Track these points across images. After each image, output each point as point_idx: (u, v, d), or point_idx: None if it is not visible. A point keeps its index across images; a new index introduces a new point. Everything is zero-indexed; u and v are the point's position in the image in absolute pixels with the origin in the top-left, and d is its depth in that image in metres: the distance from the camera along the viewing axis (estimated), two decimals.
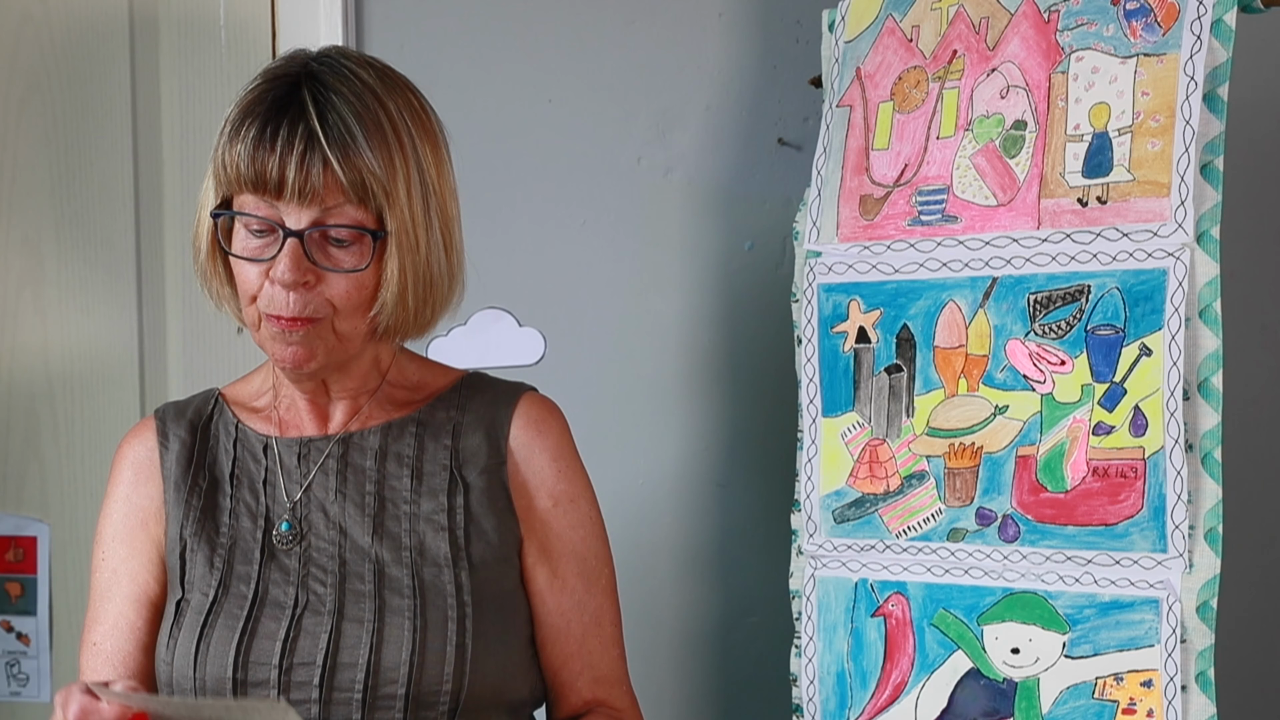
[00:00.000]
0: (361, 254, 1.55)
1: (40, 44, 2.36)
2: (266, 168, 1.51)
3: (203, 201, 1.60)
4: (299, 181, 1.51)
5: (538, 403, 1.69)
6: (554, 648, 1.66)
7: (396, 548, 1.60)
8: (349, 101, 1.54)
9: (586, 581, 1.67)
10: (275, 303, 1.53)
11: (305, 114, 1.52)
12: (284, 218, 1.52)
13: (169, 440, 1.67)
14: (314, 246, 1.53)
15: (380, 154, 1.53)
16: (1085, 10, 1.81)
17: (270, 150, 1.51)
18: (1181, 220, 1.71)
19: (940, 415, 1.86)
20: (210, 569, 1.61)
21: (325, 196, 1.52)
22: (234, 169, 1.53)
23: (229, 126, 1.55)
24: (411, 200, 1.56)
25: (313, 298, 1.54)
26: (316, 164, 1.51)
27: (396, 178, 1.54)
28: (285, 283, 1.52)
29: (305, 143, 1.51)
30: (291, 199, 1.51)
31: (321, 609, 1.57)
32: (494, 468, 1.64)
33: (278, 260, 1.52)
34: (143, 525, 1.66)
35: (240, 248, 1.55)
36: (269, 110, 1.53)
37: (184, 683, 1.57)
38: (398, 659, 1.54)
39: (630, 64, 2.35)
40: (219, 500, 1.64)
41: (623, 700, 1.70)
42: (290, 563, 1.60)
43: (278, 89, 1.55)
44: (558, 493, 1.66)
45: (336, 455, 1.64)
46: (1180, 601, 1.70)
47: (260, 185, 1.52)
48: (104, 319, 2.38)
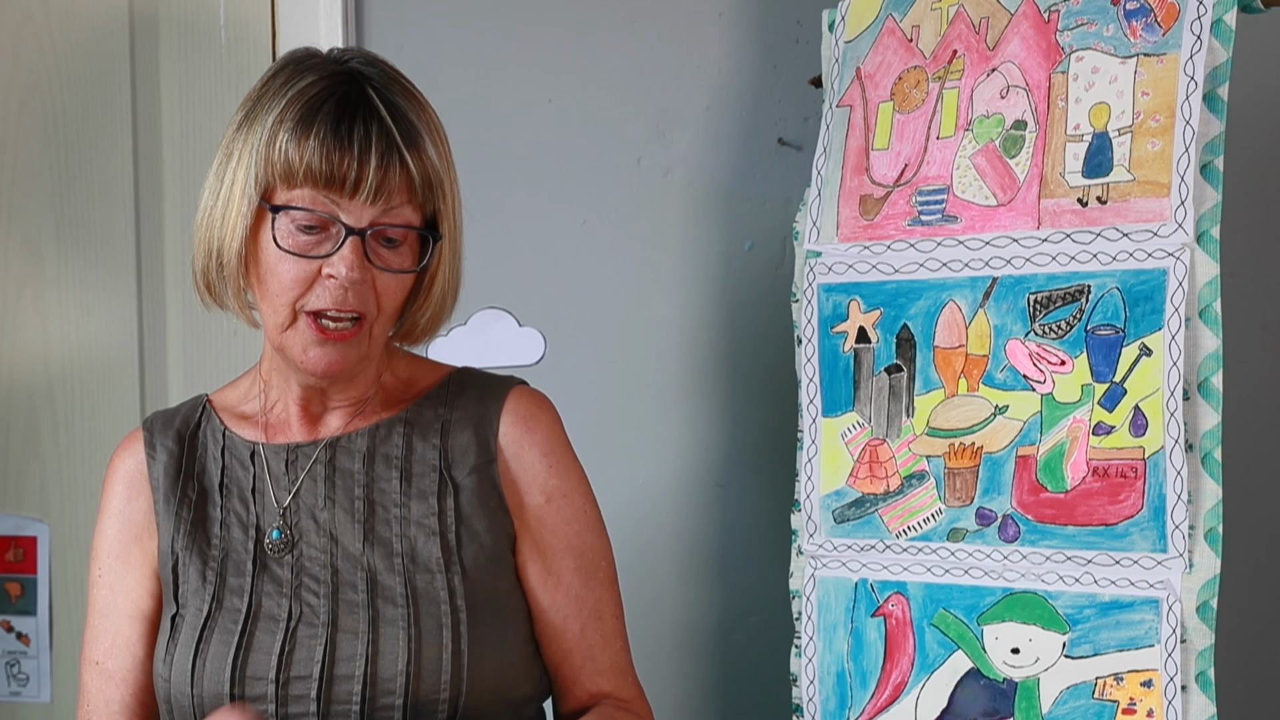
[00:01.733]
0: (414, 254, 1.57)
1: (40, 44, 2.36)
2: (344, 166, 1.50)
3: (225, 193, 1.56)
4: (376, 181, 1.51)
5: (527, 397, 1.67)
6: (554, 643, 1.65)
7: (388, 554, 1.58)
8: (409, 103, 1.56)
9: (584, 576, 1.66)
10: (327, 299, 1.52)
11: (379, 114, 1.52)
12: (342, 214, 1.52)
13: (156, 451, 1.66)
14: (370, 246, 1.53)
15: (440, 156, 1.56)
16: (1085, 10, 1.81)
17: (348, 149, 1.50)
18: (1181, 220, 1.71)
19: (940, 415, 1.86)
20: (203, 582, 1.60)
21: (392, 196, 1.53)
22: (301, 164, 1.51)
23: (290, 119, 1.52)
24: (456, 201, 1.60)
25: (365, 294, 1.54)
26: (394, 165, 1.52)
27: (447, 178, 1.58)
28: (350, 280, 1.51)
29: (385, 142, 1.51)
30: (365, 199, 1.51)
31: (315, 621, 1.56)
32: (484, 466, 1.63)
33: (336, 258, 1.52)
34: (136, 540, 1.65)
35: (288, 243, 1.53)
36: (339, 105, 1.52)
37: (182, 699, 1.56)
38: (394, 669, 1.53)
39: (630, 64, 2.35)
40: (209, 511, 1.63)
41: (629, 691, 1.69)
42: (282, 573, 1.59)
43: (337, 87, 1.53)
44: (550, 488, 1.65)
45: (324, 460, 1.62)
46: (1180, 601, 1.70)
47: (333, 182, 1.51)
48: (104, 319, 2.38)
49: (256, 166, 1.53)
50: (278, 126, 1.52)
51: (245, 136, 1.55)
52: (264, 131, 1.53)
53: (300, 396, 1.63)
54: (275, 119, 1.52)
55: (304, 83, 1.54)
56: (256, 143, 1.53)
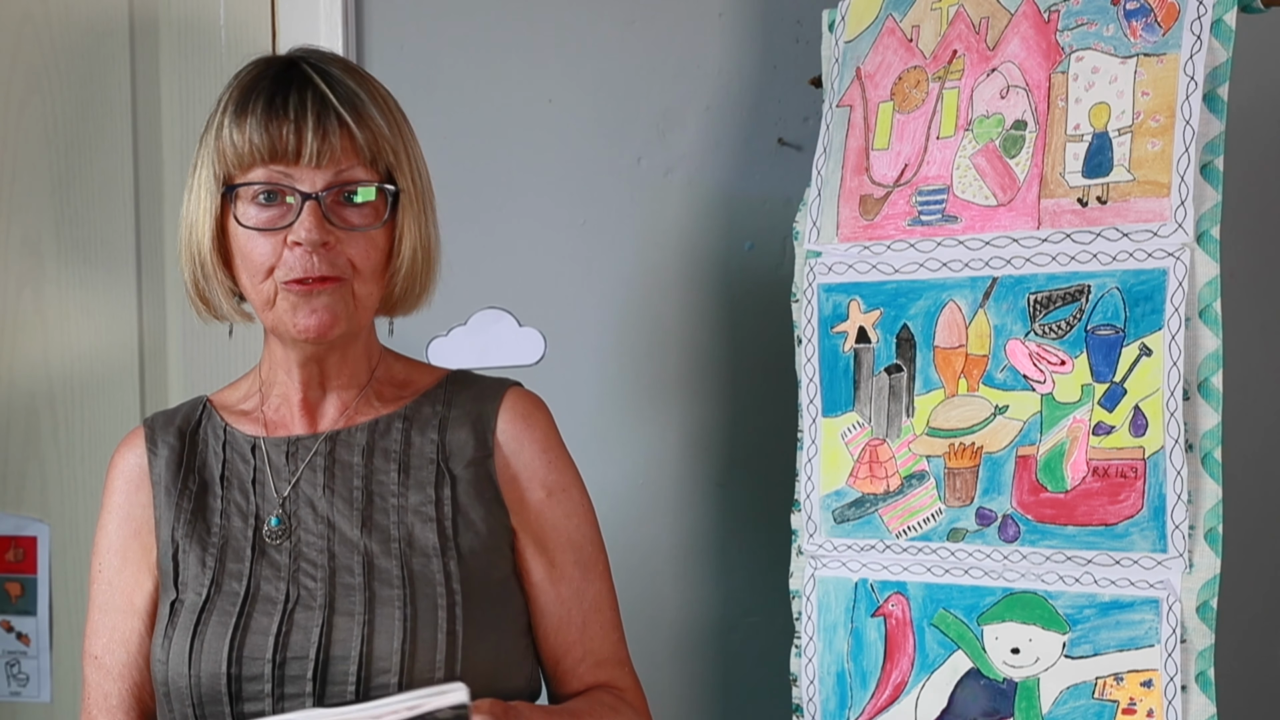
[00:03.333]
0: (376, 212, 1.60)
1: (40, 44, 2.36)
2: (282, 133, 1.55)
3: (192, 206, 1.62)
4: (316, 143, 1.55)
5: (523, 397, 1.71)
6: (557, 637, 1.68)
7: (385, 540, 1.61)
8: (347, 75, 1.61)
9: (583, 569, 1.69)
10: (297, 267, 1.56)
11: (312, 82, 1.57)
12: (296, 183, 1.56)
13: (158, 447, 1.69)
14: (330, 209, 1.57)
15: (385, 118, 1.60)
16: (1085, 10, 1.81)
17: (284, 117, 1.55)
18: (1181, 220, 1.71)
19: (940, 415, 1.86)
20: (202, 568, 1.62)
21: (341, 158, 1.56)
22: (245, 143, 1.56)
23: (231, 106, 1.58)
24: (413, 164, 1.63)
25: (335, 257, 1.57)
26: (332, 126, 1.56)
27: (399, 141, 1.61)
28: (311, 242, 1.55)
29: (319, 105, 1.56)
30: (309, 162, 1.55)
31: (313, 603, 1.58)
32: (480, 460, 1.66)
33: (297, 224, 1.56)
34: (136, 535, 1.68)
35: (251, 220, 1.57)
36: (273, 84, 1.57)
37: (179, 680, 1.58)
38: (389, 648, 1.55)
39: (630, 64, 2.35)
40: (209, 502, 1.66)
41: (625, 680, 1.72)
42: (280, 558, 1.62)
43: (273, 68, 1.60)
44: (550, 483, 1.68)
45: (324, 452, 1.65)
46: (1180, 601, 1.70)
47: (276, 153, 1.55)
48: (104, 319, 2.38)
49: (214, 163, 1.59)
50: (222, 118, 1.59)
51: (203, 144, 1.62)
52: (213, 130, 1.60)
53: (301, 379, 1.66)
54: (219, 115, 1.59)
55: (242, 74, 1.62)
56: (209, 142, 1.60)
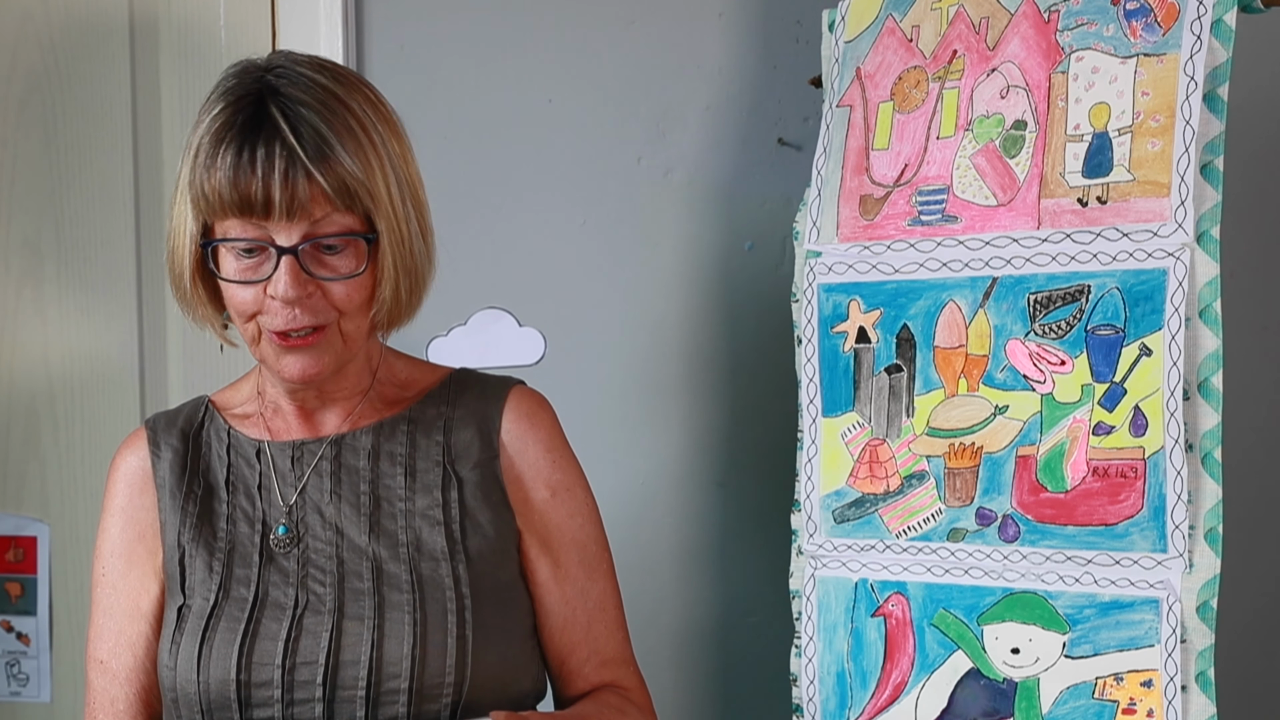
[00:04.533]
0: (356, 257, 1.56)
1: (40, 44, 2.36)
2: (251, 191, 1.51)
3: (175, 227, 1.60)
4: (285, 200, 1.51)
5: (527, 396, 1.70)
6: (562, 637, 1.68)
7: (393, 544, 1.60)
8: (316, 110, 1.53)
9: (588, 569, 1.69)
10: (279, 321, 1.54)
11: (279, 131, 1.51)
12: (274, 236, 1.53)
13: (161, 449, 1.68)
14: (308, 259, 1.53)
15: (357, 157, 1.54)
16: (1085, 10, 1.81)
17: (251, 174, 1.51)
18: (1181, 220, 1.71)
19: (940, 415, 1.86)
20: (209, 573, 1.61)
21: (313, 209, 1.52)
22: (215, 196, 1.52)
23: (201, 154, 1.54)
24: (392, 196, 1.57)
25: (316, 305, 1.55)
26: (300, 179, 1.51)
27: (375, 177, 1.55)
28: (289, 299, 1.53)
29: (285, 160, 1.51)
30: (281, 218, 1.51)
31: (322, 608, 1.58)
32: (486, 461, 1.65)
33: (275, 279, 1.53)
34: (140, 538, 1.67)
35: (231, 271, 1.55)
36: (240, 132, 1.52)
37: (188, 687, 1.57)
38: (399, 653, 1.55)
39: (630, 64, 2.35)
40: (215, 506, 1.65)
41: (630, 679, 1.71)
42: (289, 565, 1.61)
43: (243, 109, 1.53)
44: (554, 483, 1.68)
45: (330, 457, 1.65)
46: (1180, 601, 1.70)
47: (246, 208, 1.52)
48: (104, 319, 2.38)
49: (190, 205, 1.56)
50: (194, 163, 1.55)
51: (182, 170, 1.58)
52: (188, 169, 1.56)
53: (295, 401, 1.66)
54: (193, 156, 1.55)
55: (214, 112, 1.55)
56: (186, 179, 1.56)
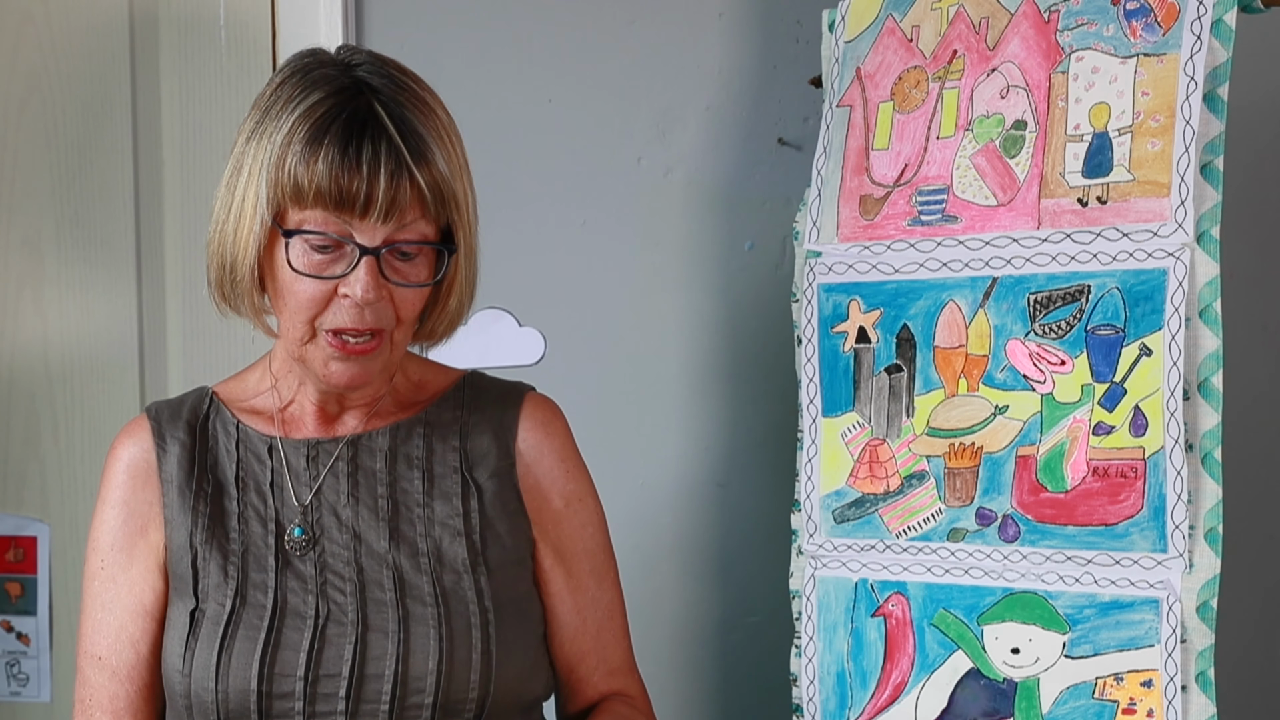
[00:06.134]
0: (428, 267, 1.55)
1: (40, 44, 2.36)
2: (352, 186, 1.48)
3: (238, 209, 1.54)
4: (386, 201, 1.49)
5: (542, 404, 1.69)
6: (572, 646, 1.67)
7: (414, 554, 1.59)
8: (417, 114, 1.52)
9: (598, 578, 1.69)
10: (345, 319, 1.52)
11: (386, 131, 1.49)
12: (355, 234, 1.50)
13: (166, 442, 1.64)
14: (385, 261, 1.51)
15: (450, 165, 1.53)
16: (1085, 10, 1.81)
17: (356, 169, 1.48)
18: (1181, 220, 1.71)
19: (940, 415, 1.86)
20: (225, 577, 1.58)
21: (404, 213, 1.50)
22: (310, 185, 1.48)
23: (297, 141, 1.49)
24: (470, 205, 1.57)
25: (383, 312, 1.53)
26: (404, 183, 1.49)
27: (459, 185, 1.54)
28: (366, 300, 1.50)
29: (394, 161, 1.49)
30: (376, 218, 1.49)
31: (344, 619, 1.56)
32: (504, 470, 1.64)
33: (353, 278, 1.50)
34: (141, 532, 1.62)
35: (301, 264, 1.51)
36: (347, 125, 1.49)
37: (204, 695, 1.54)
38: (425, 668, 1.53)
39: (630, 64, 2.35)
40: (225, 504, 1.62)
41: (635, 688, 1.72)
42: (306, 569, 1.59)
43: (346, 103, 1.50)
44: (568, 493, 1.67)
45: (346, 457, 1.63)
46: (1180, 601, 1.70)
47: (343, 204, 1.49)
48: (104, 319, 2.38)
49: (267, 187, 1.51)
50: (285, 148, 1.50)
51: (255, 151, 1.53)
52: (273, 150, 1.51)
53: (317, 399, 1.63)
54: (284, 139, 1.50)
55: (312, 99, 1.51)
56: (266, 160, 1.51)
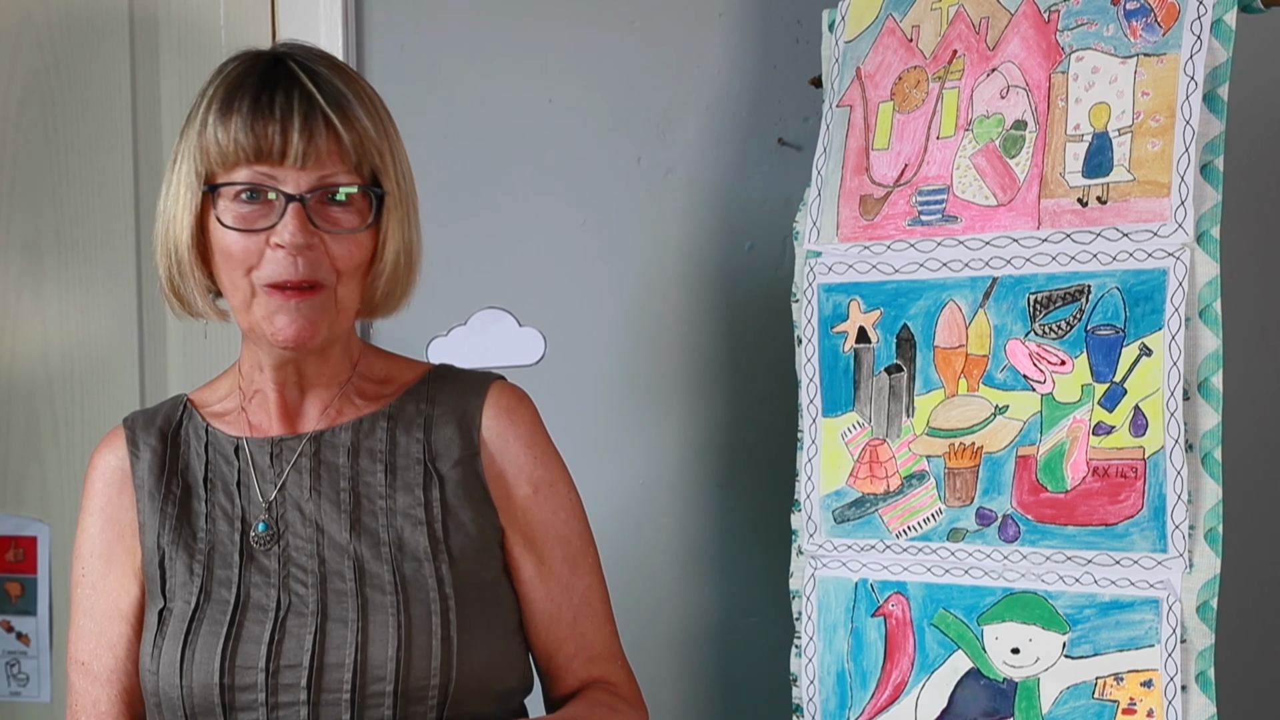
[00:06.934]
0: (361, 214, 1.57)
1: (40, 44, 2.36)
2: (268, 133, 1.52)
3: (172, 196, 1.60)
4: (302, 144, 1.52)
5: (507, 392, 1.70)
6: (548, 634, 1.67)
7: (375, 544, 1.60)
8: (336, 75, 1.58)
9: (572, 564, 1.68)
10: (279, 270, 1.54)
11: (299, 82, 1.54)
12: (280, 184, 1.53)
13: (139, 449, 1.67)
14: (315, 210, 1.54)
15: (372, 119, 1.57)
16: (1085, 10, 1.81)
17: (270, 117, 1.52)
18: (1181, 220, 1.71)
19: (940, 415, 1.86)
20: (190, 575, 1.60)
21: (326, 161, 1.54)
22: (230, 142, 1.53)
23: (215, 103, 1.55)
24: (399, 165, 1.60)
25: (318, 260, 1.55)
26: (319, 127, 1.53)
27: (385, 143, 1.58)
28: (295, 245, 1.53)
29: (306, 106, 1.53)
30: (294, 164, 1.53)
31: (304, 610, 1.57)
32: (468, 459, 1.64)
33: (281, 226, 1.53)
34: (119, 538, 1.66)
35: (230, 218, 1.55)
36: (260, 82, 1.55)
37: (170, 691, 1.56)
38: (384, 656, 1.54)
39: (630, 64, 2.35)
40: (194, 505, 1.64)
41: (618, 674, 1.71)
42: (270, 564, 1.60)
43: (257, 64, 1.57)
44: (536, 479, 1.67)
45: (309, 453, 1.64)
46: (1180, 601, 1.70)
47: (261, 153, 1.53)
48: (104, 319, 2.38)
49: (195, 159, 1.56)
50: (206, 114, 1.56)
51: (184, 137, 1.59)
52: (196, 125, 1.57)
53: (276, 381, 1.64)
54: (203, 111, 1.56)
55: (227, 70, 1.58)
56: (192, 136, 1.57)
